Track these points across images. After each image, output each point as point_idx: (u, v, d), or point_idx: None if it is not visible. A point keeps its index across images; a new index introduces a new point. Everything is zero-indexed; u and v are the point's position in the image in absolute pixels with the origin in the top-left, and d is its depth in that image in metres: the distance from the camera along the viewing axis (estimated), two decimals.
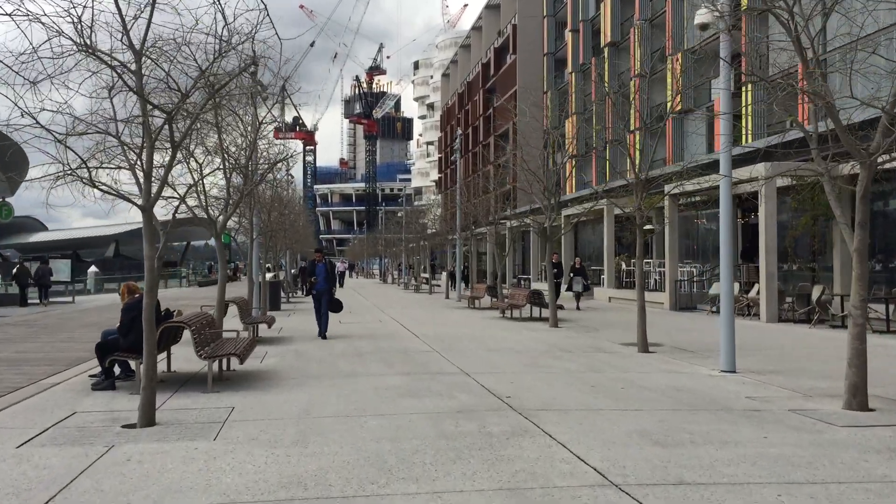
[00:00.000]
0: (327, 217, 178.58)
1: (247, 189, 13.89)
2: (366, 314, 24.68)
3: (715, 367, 12.02)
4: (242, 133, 14.43)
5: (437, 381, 10.54)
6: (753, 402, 8.97)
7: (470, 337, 16.88)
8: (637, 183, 14.37)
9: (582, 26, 58.18)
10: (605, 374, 11.30)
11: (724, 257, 11.76)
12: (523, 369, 11.73)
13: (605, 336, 17.25)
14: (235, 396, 9.46)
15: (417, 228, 54.55)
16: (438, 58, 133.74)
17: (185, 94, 7.55)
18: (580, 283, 26.20)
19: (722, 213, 11.77)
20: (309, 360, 13.00)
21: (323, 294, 16.85)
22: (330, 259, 17.43)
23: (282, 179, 23.81)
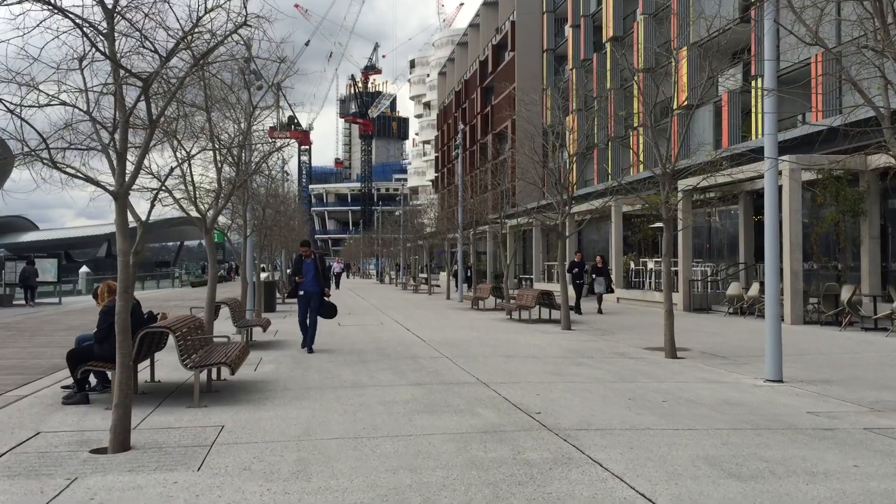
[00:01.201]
0: (322, 217, 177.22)
1: (239, 181, 12.69)
2: (365, 316, 23.49)
3: (757, 375, 10.88)
4: (235, 119, 13.26)
5: (453, 393, 9.36)
6: (819, 419, 7.82)
7: (480, 341, 15.69)
8: (664, 175, 13.21)
9: (583, 22, 57.09)
10: (639, 383, 10.14)
11: (769, 253, 10.59)
12: (547, 378, 10.56)
13: (623, 339, 16.10)
14: (226, 412, 8.27)
15: (415, 228, 53.38)
16: (435, 56, 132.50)
17: (165, 58, 6.35)
18: (603, 283, 24.35)
19: (767, 203, 10.60)
20: (308, 367, 11.80)
21: (312, 296, 14.07)
22: (321, 255, 14.75)
23: (277, 175, 22.58)
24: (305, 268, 14.02)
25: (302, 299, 14.08)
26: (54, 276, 33.42)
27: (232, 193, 12.76)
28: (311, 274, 13.96)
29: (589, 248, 42.38)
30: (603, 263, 24.91)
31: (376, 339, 16.29)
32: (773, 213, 10.54)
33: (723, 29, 26.38)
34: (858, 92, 7.95)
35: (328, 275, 14.43)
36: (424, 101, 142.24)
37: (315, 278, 13.97)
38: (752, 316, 21.60)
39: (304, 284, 13.96)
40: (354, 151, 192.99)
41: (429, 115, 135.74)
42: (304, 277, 13.93)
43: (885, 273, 19.92)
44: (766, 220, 10.58)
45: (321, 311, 14.08)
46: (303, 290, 14.00)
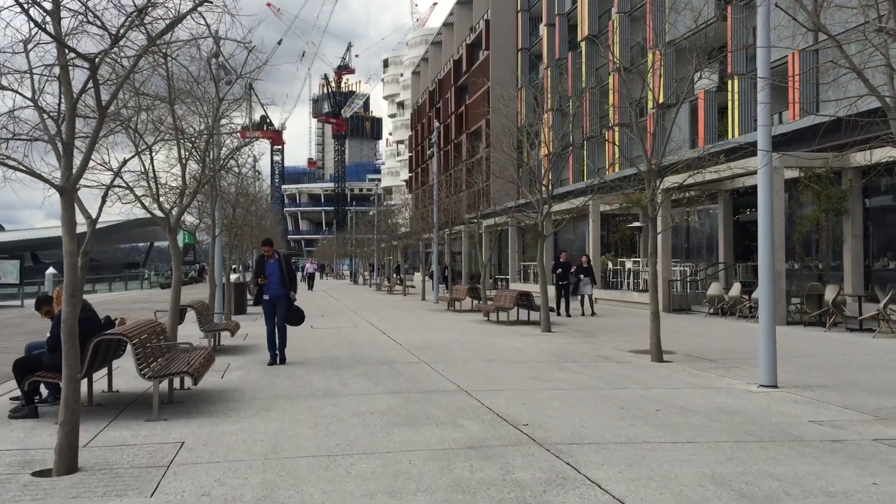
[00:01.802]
0: (295, 217, 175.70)
1: (205, 177, 12.01)
2: (339, 318, 22.84)
3: (749, 379, 10.42)
4: (202, 114, 12.57)
5: (433, 402, 8.77)
6: (825, 430, 7.34)
7: (459, 344, 15.12)
8: (650, 171, 12.72)
9: (558, 20, 56.79)
10: (629, 390, 9.62)
11: (763, 253, 10.13)
12: (531, 385, 10.01)
13: (606, 342, 15.60)
14: (187, 426, 7.62)
15: (389, 228, 52.73)
16: (408, 55, 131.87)
17: (115, 36, 5.71)
18: (589, 284, 23.36)
19: (761, 200, 10.12)
20: (278, 374, 11.16)
21: (278, 302, 12.49)
22: (286, 254, 13.40)
23: (247, 173, 21.86)
24: (269, 269, 12.43)
25: (267, 306, 12.52)
26: (16, 277, 32.34)
27: (197, 191, 12.08)
28: (276, 276, 12.42)
29: (565, 248, 41.99)
30: (588, 263, 23.95)
31: (350, 342, 15.67)
32: (766, 210, 10.09)
33: (701, 26, 26.05)
34: (863, 81, 7.48)
35: (295, 276, 12.86)
36: (398, 100, 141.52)
37: (280, 281, 12.42)
38: (734, 317, 21.24)
39: (268, 288, 12.42)
40: (328, 151, 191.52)
41: (402, 115, 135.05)
42: (267, 280, 12.40)
43: (867, 272, 19.64)
44: (760, 217, 10.12)
45: (288, 317, 12.64)
46: (267, 295, 12.48)
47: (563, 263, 23.40)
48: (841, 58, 7.49)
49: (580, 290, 23.18)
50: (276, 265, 12.49)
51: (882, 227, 19.78)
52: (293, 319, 12.73)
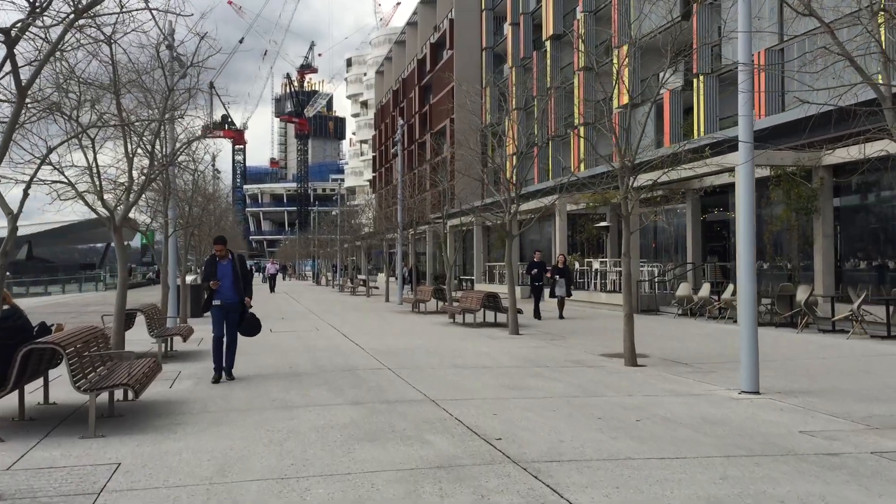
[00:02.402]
0: (258, 218, 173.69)
1: (154, 172, 11.25)
2: (300, 321, 22.08)
3: (729, 385, 9.96)
4: (150, 105, 11.80)
5: (398, 413, 8.14)
6: (818, 441, 6.86)
7: (425, 349, 14.50)
8: (623, 168, 12.22)
9: (522, 19, 56.45)
10: (605, 398, 9.08)
11: (743, 253, 9.66)
12: (502, 394, 9.42)
13: (576, 345, 15.09)
14: (126, 444, 6.91)
15: (352, 228, 51.92)
16: (372, 55, 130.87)
17: (34, 5, 5.01)
18: (563, 285, 22.21)
19: (742, 196, 9.65)
20: (232, 383, 10.45)
21: (229, 309, 10.89)
22: (240, 255, 11.66)
23: (203, 169, 21.01)
24: (221, 271, 10.81)
25: (217, 312, 10.91)
26: None
27: (145, 187, 11.31)
28: (229, 279, 10.79)
29: (530, 249, 41.55)
30: (564, 263, 22.81)
31: (311, 347, 14.97)
32: (747, 207, 9.62)
33: (666, 25, 25.75)
34: (857, 70, 7.02)
35: (250, 280, 11.28)
36: (361, 99, 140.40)
37: (233, 285, 10.82)
38: (703, 317, 20.91)
39: (220, 293, 10.79)
40: (290, 151, 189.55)
41: (366, 115, 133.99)
42: (218, 283, 10.78)
43: (838, 272, 19.41)
44: (741, 215, 9.65)
45: (241, 326, 11.03)
46: (218, 300, 10.85)
47: (538, 263, 22.42)
48: (833, 45, 7.01)
49: (556, 292, 22.07)
50: (230, 267, 10.90)
51: (852, 227, 19.57)
52: (247, 329, 11.10)
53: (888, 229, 18.80)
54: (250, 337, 11.38)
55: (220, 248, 11.02)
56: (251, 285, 11.28)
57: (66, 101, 9.94)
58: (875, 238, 19.24)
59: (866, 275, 18.90)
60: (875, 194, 19.26)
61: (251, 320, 11.13)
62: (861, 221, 19.48)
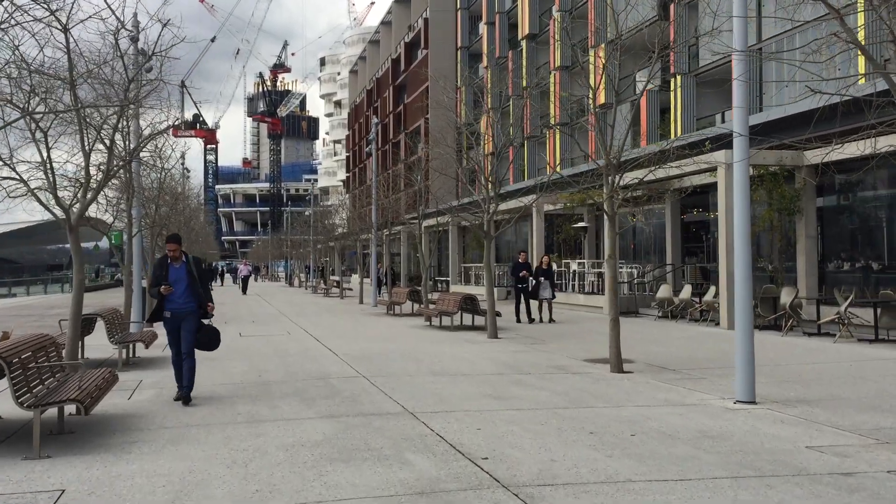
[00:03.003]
0: (230, 218, 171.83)
1: (113, 168, 10.55)
2: (271, 324, 21.37)
3: (722, 393, 9.48)
4: (110, 98, 11.08)
5: (375, 429, 7.54)
6: (827, 458, 6.36)
7: (401, 354, 13.89)
8: (608, 166, 11.71)
9: (498, 19, 56.04)
10: (595, 409, 8.54)
11: (740, 254, 9.16)
12: (485, 404, 8.85)
13: (558, 350, 14.57)
14: (74, 466, 6.25)
15: (326, 229, 51.14)
16: (346, 54, 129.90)
17: None
18: (549, 287, 21.07)
19: (737, 192, 9.14)
20: (195, 395, 9.73)
21: (184, 319, 9.34)
22: (196, 257, 10.06)
23: (169, 167, 20.23)
24: (173, 276, 9.24)
25: (170, 325, 9.37)
26: None
27: (104, 184, 10.60)
28: (183, 284, 9.22)
29: (506, 250, 41.07)
30: (549, 265, 21.74)
31: (282, 352, 14.30)
32: (743, 206, 9.10)
33: (644, 24, 25.37)
34: (867, 58, 6.54)
35: (209, 284, 9.98)
36: (335, 99, 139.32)
37: (188, 291, 9.25)
38: (684, 320, 20.51)
39: (171, 301, 9.22)
40: (263, 151, 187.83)
41: (340, 114, 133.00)
42: (171, 289, 9.18)
43: (821, 274, 19.08)
44: (736, 214, 9.14)
45: (198, 340, 9.45)
46: (169, 311, 9.28)
47: (523, 265, 21.29)
48: (842, 31, 6.52)
49: (540, 295, 20.92)
50: (184, 270, 9.33)
51: (835, 228, 19.26)
52: (204, 342, 9.50)
53: (871, 230, 18.51)
54: (208, 351, 9.77)
55: (174, 248, 9.39)
56: (207, 290, 9.67)
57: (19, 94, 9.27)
58: (858, 239, 18.94)
59: (849, 276, 18.59)
60: (857, 194, 18.96)
61: (209, 332, 9.54)
62: (845, 222, 19.18)
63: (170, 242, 9.58)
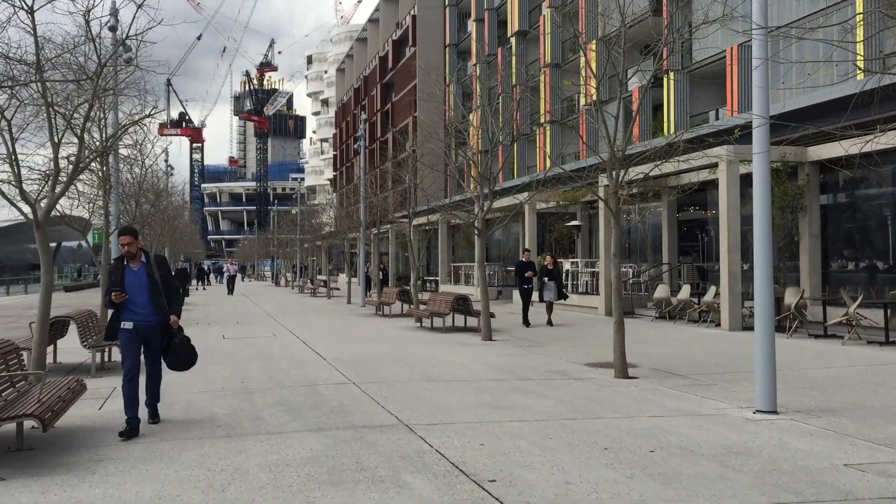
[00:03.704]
0: (216, 217, 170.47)
1: (84, 159, 9.81)
2: (256, 325, 20.63)
3: (738, 401, 8.87)
4: (81, 84, 10.35)
5: (368, 444, 6.85)
6: (871, 479, 5.73)
7: (393, 358, 13.19)
8: (613, 160, 11.07)
9: (487, 16, 55.42)
10: (605, 420, 7.89)
11: (760, 252, 8.54)
12: (486, 415, 8.18)
13: (554, 352, 13.92)
14: (29, 491, 5.54)
15: (313, 227, 50.33)
16: (333, 52, 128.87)
17: None
18: (553, 288, 19.50)
19: (757, 183, 8.51)
20: (171, 403, 9.02)
21: (147, 334, 7.57)
22: (161, 256, 8.35)
23: (152, 164, 19.45)
24: (131, 280, 7.41)
25: (128, 339, 7.43)
26: None
27: (74, 177, 9.86)
28: (144, 290, 7.44)
29: (495, 249, 40.43)
30: (554, 264, 20.49)
31: (266, 356, 13.59)
32: (763, 199, 8.48)
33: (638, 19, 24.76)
34: None
35: (177, 289, 7.92)
36: (322, 97, 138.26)
37: (150, 298, 7.46)
38: (682, 321, 19.91)
39: (131, 311, 7.41)
40: (249, 150, 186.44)
41: (327, 113, 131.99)
42: (123, 296, 7.32)
43: (825, 274, 18.51)
44: (757, 209, 8.52)
45: (168, 357, 7.76)
46: (129, 322, 7.42)
47: (527, 264, 20.03)
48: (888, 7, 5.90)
49: (544, 296, 19.82)
50: (143, 272, 7.48)
51: (840, 226, 18.70)
52: (177, 361, 7.79)
53: (877, 228, 17.97)
54: (179, 371, 8.05)
55: (129, 243, 7.41)
56: (180, 297, 7.94)
57: None
58: (863, 237, 18.39)
59: (854, 276, 18.02)
60: (863, 191, 18.40)
61: (182, 348, 7.76)
62: (849, 220, 18.62)
63: (123, 235, 7.51)
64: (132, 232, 7.60)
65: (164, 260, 8.08)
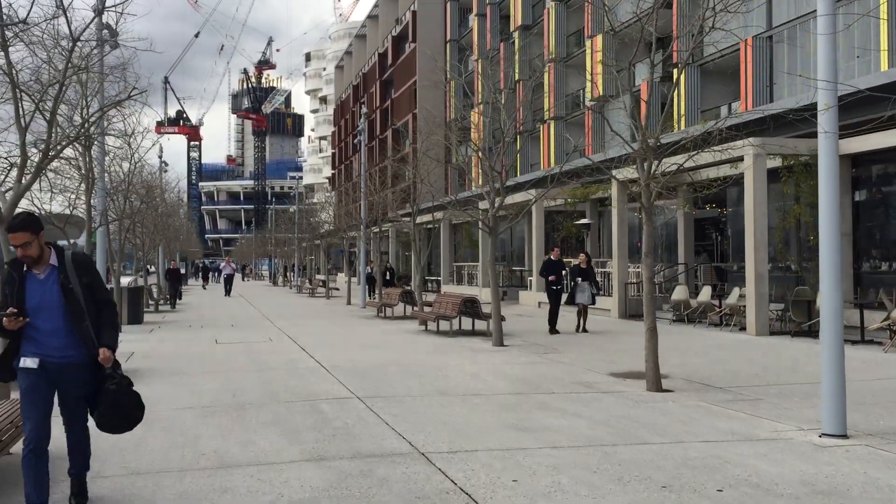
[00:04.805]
0: (213, 216, 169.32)
1: (55, 145, 8.70)
2: (251, 329, 19.51)
3: (796, 420, 7.82)
4: (54, 66, 9.24)
5: (378, 480, 5.75)
6: None
7: (399, 367, 12.08)
8: (645, 149, 9.99)
9: (489, 10, 54.38)
10: (652, 447, 6.79)
11: (827, 250, 7.47)
12: (511, 438, 7.08)
13: (574, 360, 12.83)
14: None
15: (311, 226, 49.21)
16: (332, 49, 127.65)
17: None
18: (587, 291, 17.57)
19: (824, 174, 7.45)
20: (151, 422, 7.86)
21: (62, 375, 4.95)
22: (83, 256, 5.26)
23: (141, 160, 18.32)
24: (33, 294, 4.88)
25: (29, 383, 4.88)
26: None
27: (44, 166, 8.76)
28: (57, 311, 4.91)
29: (499, 249, 39.30)
30: (588, 263, 18.31)
31: (261, 365, 12.47)
32: (831, 188, 7.44)
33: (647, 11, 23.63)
34: None
35: (112, 306, 5.24)
36: (321, 95, 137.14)
37: (66, 322, 4.93)
38: (702, 324, 18.81)
39: (34, 340, 4.90)
40: (247, 148, 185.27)
41: (325, 110, 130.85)
42: (20, 321, 4.77)
43: (856, 275, 17.45)
44: (824, 199, 7.48)
45: (96, 412, 5.09)
46: (32, 358, 4.87)
47: (556, 263, 17.97)
48: None
49: (576, 299, 17.77)
50: (53, 282, 4.93)
51: (872, 224, 17.62)
52: (109, 418, 5.08)
53: None
54: (114, 434, 5.29)
55: (25, 242, 4.78)
56: (115, 318, 5.20)
57: None
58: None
59: (889, 277, 16.94)
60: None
61: (119, 399, 5.01)
62: (881, 217, 17.55)
63: (13, 232, 4.80)
64: (30, 225, 4.81)
65: (89, 261, 5.26)
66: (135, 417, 5.19)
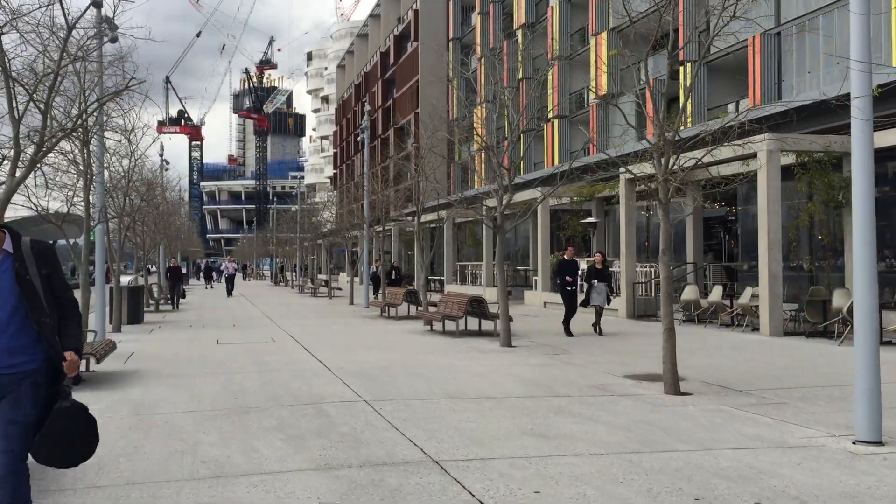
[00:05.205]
0: (215, 215, 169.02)
1: (49, 137, 8.34)
2: (253, 329, 19.14)
3: (824, 426, 7.44)
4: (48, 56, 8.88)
5: (390, 492, 5.37)
6: None
7: (406, 368, 11.70)
8: (664, 143, 9.62)
9: (492, 8, 53.96)
10: (679, 454, 6.42)
11: (860, 247, 7.08)
12: (528, 445, 6.71)
13: (586, 361, 12.47)
14: None
15: (313, 226, 48.84)
16: (333, 48, 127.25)
17: None
18: (603, 292, 16.99)
19: (858, 168, 7.03)
20: (149, 427, 7.56)
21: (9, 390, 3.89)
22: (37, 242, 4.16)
23: (141, 157, 17.92)
24: None
25: None
26: None
27: (38, 160, 8.40)
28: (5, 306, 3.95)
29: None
30: (603, 264, 17.75)
31: (264, 366, 12.09)
32: (866, 178, 7.01)
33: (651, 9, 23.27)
34: None
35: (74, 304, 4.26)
36: (322, 94, 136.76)
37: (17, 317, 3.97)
38: (713, 325, 18.44)
39: None
40: (249, 148, 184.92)
41: (327, 110, 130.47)
42: None
43: None
44: (858, 196, 7.06)
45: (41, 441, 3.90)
46: None
47: (570, 263, 17.49)
48: None
49: (592, 300, 17.09)
50: (6, 271, 4.01)
51: (889, 222, 17.25)
52: (55, 448, 3.96)
53: None
54: (61, 468, 4.29)
55: None
56: (77, 316, 4.27)
57: None
58: None
59: None
60: None
61: (68, 423, 3.97)
62: (895, 217, 17.20)
63: None
64: None
65: (51, 251, 4.25)
66: (81, 448, 4.05)
